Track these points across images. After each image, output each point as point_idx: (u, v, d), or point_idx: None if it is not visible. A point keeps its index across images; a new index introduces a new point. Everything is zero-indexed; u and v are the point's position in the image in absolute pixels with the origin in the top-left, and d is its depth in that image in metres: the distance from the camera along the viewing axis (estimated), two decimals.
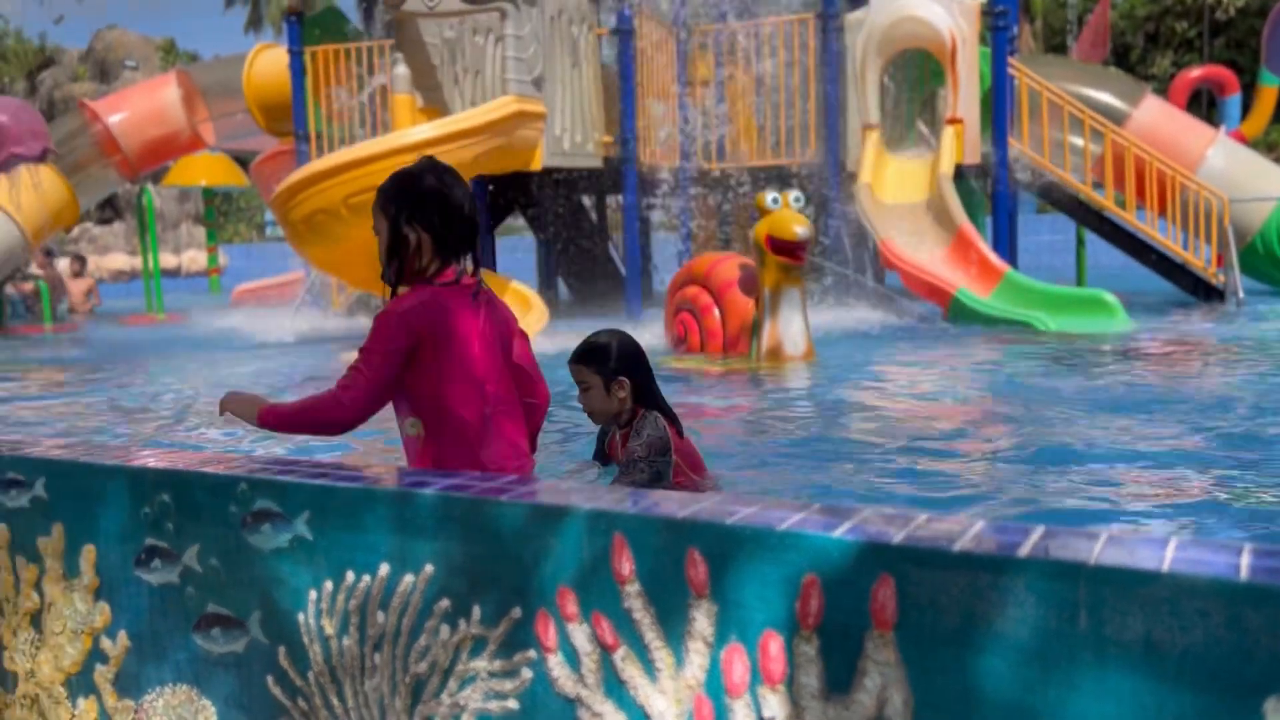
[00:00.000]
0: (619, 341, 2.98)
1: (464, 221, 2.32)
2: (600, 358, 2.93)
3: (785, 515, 1.45)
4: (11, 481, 2.11)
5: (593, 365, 2.92)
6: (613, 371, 2.92)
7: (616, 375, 2.91)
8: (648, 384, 2.98)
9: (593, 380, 2.92)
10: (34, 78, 29.83)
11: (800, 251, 6.45)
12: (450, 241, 2.30)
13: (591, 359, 2.93)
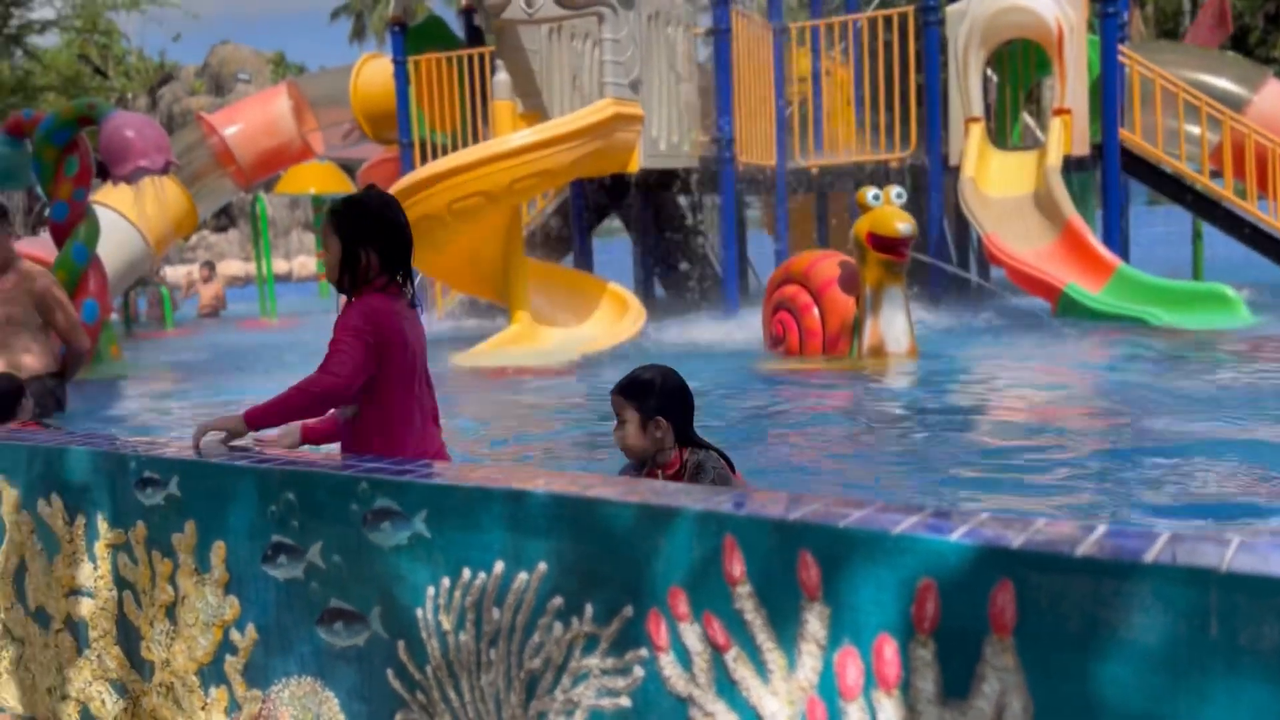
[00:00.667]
0: (664, 378, 2.84)
1: (404, 243, 2.63)
2: (642, 393, 2.79)
3: (899, 518, 1.44)
4: (148, 480, 2.23)
5: (634, 401, 2.78)
6: (652, 410, 2.78)
7: (655, 414, 2.78)
8: (687, 426, 2.86)
9: (629, 416, 2.78)
10: (154, 93, 31.25)
11: (903, 248, 6.36)
12: (392, 259, 2.60)
13: (633, 394, 2.79)
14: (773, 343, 7.43)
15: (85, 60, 28.40)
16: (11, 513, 2.50)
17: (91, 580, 2.37)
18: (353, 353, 2.48)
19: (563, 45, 9.92)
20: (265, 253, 14.88)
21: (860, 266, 6.61)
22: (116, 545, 2.31)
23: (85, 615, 2.40)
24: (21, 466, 2.46)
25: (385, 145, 12.64)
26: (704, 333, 9.60)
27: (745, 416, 5.29)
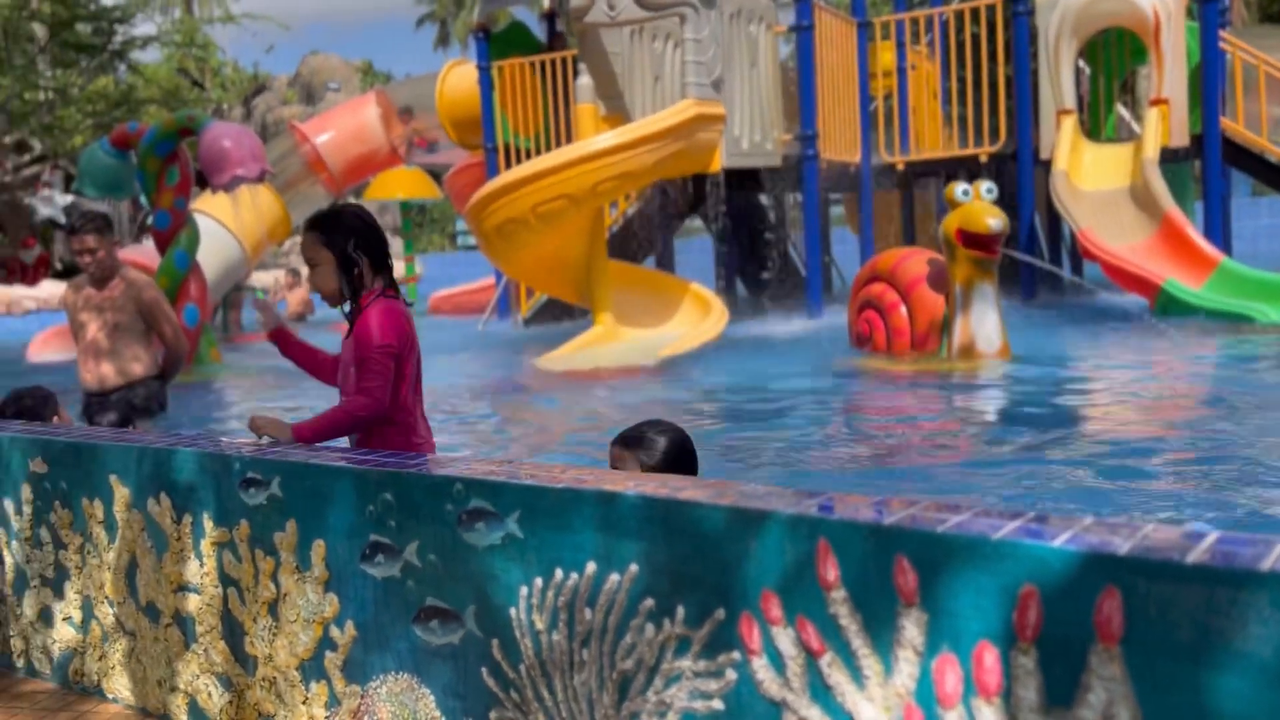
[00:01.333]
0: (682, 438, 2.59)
1: (384, 244, 2.77)
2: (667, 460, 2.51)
3: (999, 523, 1.42)
4: (251, 481, 2.30)
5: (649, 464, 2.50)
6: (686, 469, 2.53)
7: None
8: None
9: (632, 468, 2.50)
10: (249, 103, 32.26)
11: (994, 244, 6.22)
12: (379, 261, 2.72)
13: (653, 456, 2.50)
14: (858, 341, 7.34)
15: (184, 73, 29.44)
16: (123, 511, 2.60)
17: (198, 577, 2.45)
18: (386, 372, 2.62)
19: (644, 47, 9.94)
20: None
21: (949, 264, 6.48)
22: (221, 543, 2.39)
23: (192, 610, 2.48)
24: (132, 467, 2.56)
25: (470, 151, 12.84)
26: (787, 332, 9.54)
27: (831, 417, 5.23)
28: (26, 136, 24.08)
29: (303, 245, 2.70)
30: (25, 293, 18.16)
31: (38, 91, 22.46)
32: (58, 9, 22.43)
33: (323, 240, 2.65)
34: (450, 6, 46.36)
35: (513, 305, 11.76)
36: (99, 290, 5.13)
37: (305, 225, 2.73)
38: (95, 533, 2.69)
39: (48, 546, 2.82)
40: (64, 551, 2.78)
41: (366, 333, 2.61)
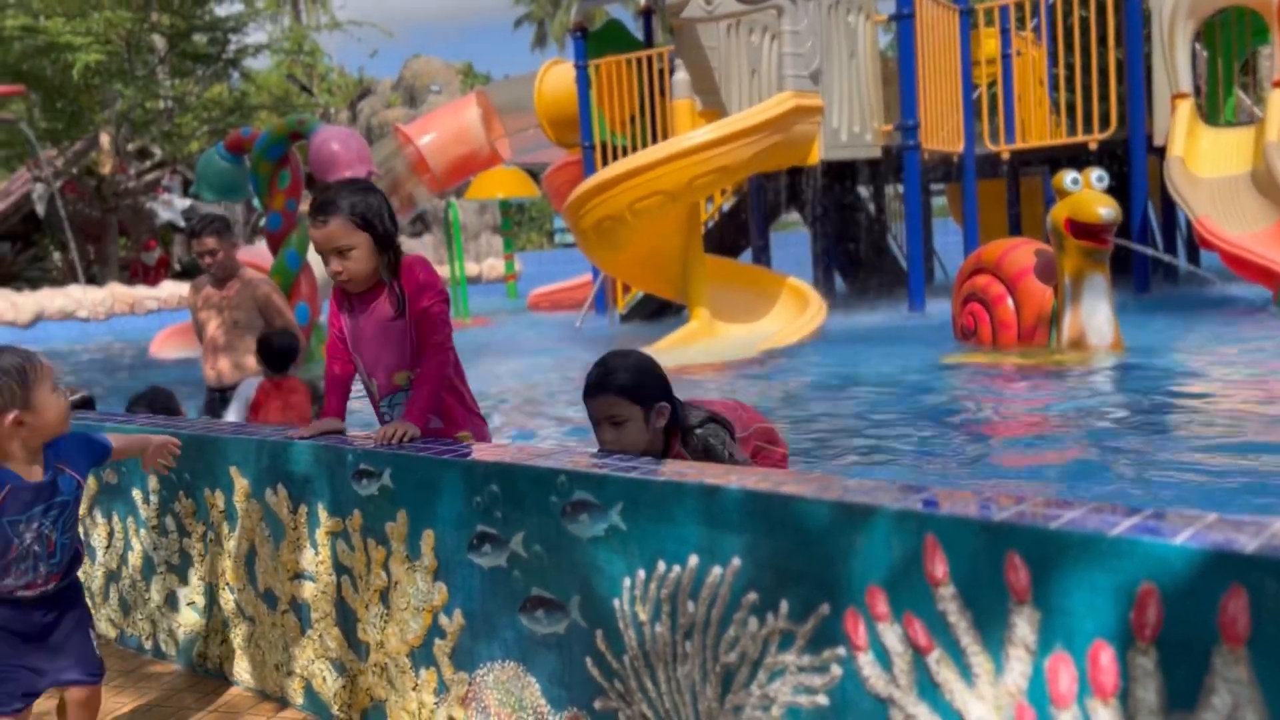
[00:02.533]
0: (647, 362, 2.56)
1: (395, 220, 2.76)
2: (639, 385, 2.49)
3: (1115, 520, 1.37)
4: (364, 472, 2.37)
5: (631, 395, 2.46)
6: (654, 398, 2.49)
7: (658, 402, 2.49)
8: (678, 404, 2.57)
9: (631, 413, 2.46)
10: (354, 107, 33.17)
11: (1106, 234, 6.02)
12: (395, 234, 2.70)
13: (630, 389, 2.47)
14: (963, 335, 7.17)
15: (293, 79, 30.43)
16: (242, 501, 2.71)
17: (313, 565, 2.54)
18: (449, 321, 2.64)
19: (740, 40, 9.89)
20: (458, 256, 15.53)
21: (1058, 254, 6.29)
22: (335, 533, 2.47)
23: (308, 598, 2.57)
24: (251, 459, 2.67)
25: (567, 149, 12.96)
26: (888, 325, 9.38)
27: (935, 411, 5.14)
28: (148, 144, 25.23)
29: (326, 236, 2.52)
30: (147, 293, 19.02)
31: (158, 100, 23.51)
32: (176, 21, 23.42)
33: (358, 224, 2.54)
34: (547, 7, 46.89)
35: (610, 301, 11.84)
36: (219, 289, 5.37)
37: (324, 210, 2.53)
38: (217, 522, 2.81)
39: (173, 534, 2.96)
40: (188, 539, 2.92)
41: (421, 287, 2.57)
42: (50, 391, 2.19)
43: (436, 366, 2.58)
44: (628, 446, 2.44)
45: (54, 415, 2.19)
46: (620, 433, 2.46)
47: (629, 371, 2.50)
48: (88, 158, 24.11)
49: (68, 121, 22.65)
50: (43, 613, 2.26)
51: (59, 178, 21.98)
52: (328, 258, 2.57)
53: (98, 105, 22.89)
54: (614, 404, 2.46)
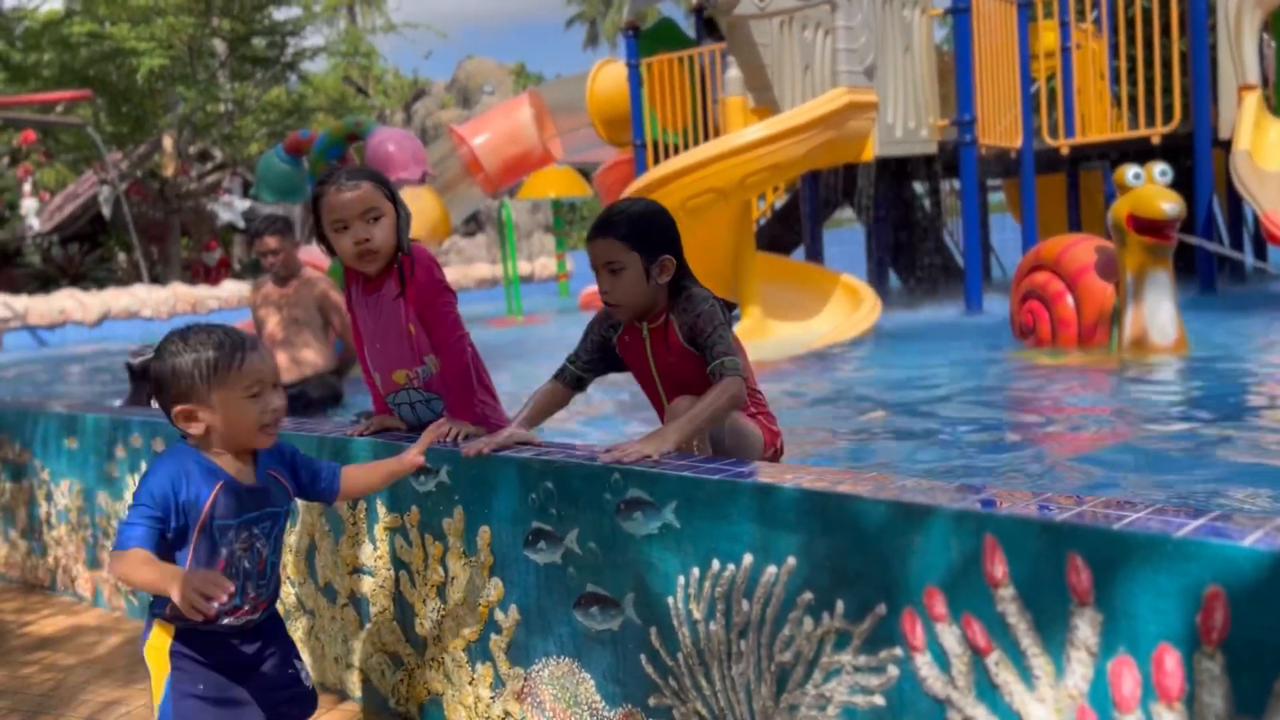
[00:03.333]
0: (655, 208, 2.36)
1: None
2: (643, 230, 2.29)
3: (1181, 521, 1.35)
4: (422, 469, 2.40)
5: (633, 240, 2.27)
6: (656, 247, 2.29)
7: (661, 253, 2.30)
8: (685, 266, 2.37)
9: (629, 260, 2.27)
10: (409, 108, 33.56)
11: (1169, 230, 5.89)
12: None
13: (632, 233, 2.28)
14: (1021, 333, 7.06)
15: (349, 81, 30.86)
16: None
17: (372, 560, 2.58)
18: (456, 309, 2.56)
19: (793, 36, 9.83)
20: (511, 255, 15.63)
21: (1120, 251, 6.17)
22: (393, 528, 2.51)
23: (366, 592, 2.61)
24: (311, 454, 2.71)
25: (619, 148, 12.98)
26: (944, 323, 9.27)
27: (992, 411, 5.07)
28: (209, 146, 25.76)
29: (357, 199, 2.44)
30: (209, 292, 19.43)
31: (218, 104, 23.98)
32: (236, 25, 23.89)
33: (386, 193, 2.50)
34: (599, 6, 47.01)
35: None
36: (280, 288, 5.48)
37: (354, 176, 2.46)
38: None
39: None
40: None
41: (428, 282, 2.51)
42: (245, 397, 1.83)
43: (456, 358, 2.52)
44: (623, 299, 2.31)
45: (240, 425, 1.84)
46: (616, 281, 2.29)
47: (634, 217, 2.32)
48: (151, 160, 24.69)
49: (132, 125, 23.22)
50: (250, 645, 1.93)
51: (124, 180, 22.52)
52: (350, 224, 2.43)
53: (161, 109, 23.43)
54: (612, 248, 2.29)
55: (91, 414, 3.60)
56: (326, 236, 2.50)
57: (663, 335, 2.38)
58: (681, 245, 2.39)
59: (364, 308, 2.59)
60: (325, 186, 2.47)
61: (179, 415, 1.84)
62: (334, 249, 2.51)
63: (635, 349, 2.44)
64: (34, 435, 3.85)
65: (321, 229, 2.50)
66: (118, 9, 21.40)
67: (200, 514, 1.82)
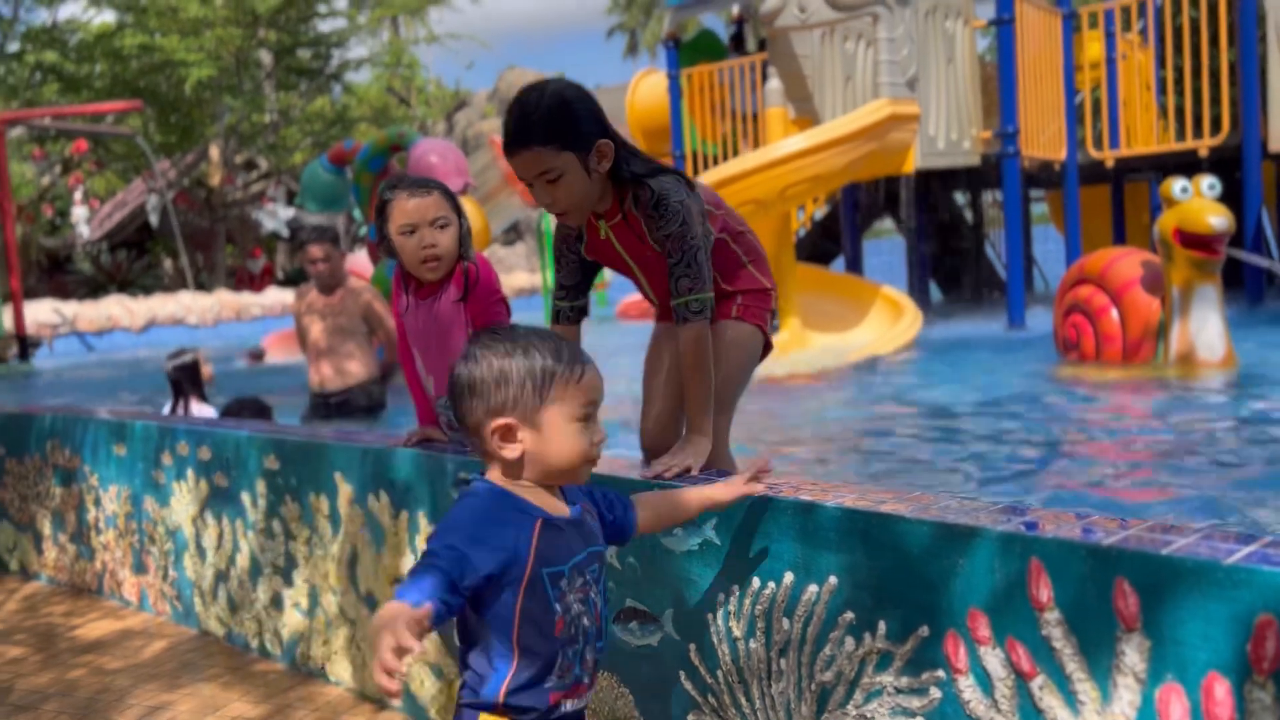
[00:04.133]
0: (571, 90, 2.05)
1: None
2: (566, 123, 2.00)
3: (1232, 547, 1.33)
4: (463, 481, 2.42)
5: (560, 139, 2.00)
6: (589, 136, 2.03)
7: (594, 139, 2.04)
8: (622, 141, 2.11)
9: (564, 163, 2.01)
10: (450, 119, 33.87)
11: (1217, 244, 5.80)
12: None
13: (556, 130, 2.00)
14: (1065, 348, 6.98)
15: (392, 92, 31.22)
16: (346, 506, 2.79)
17: None
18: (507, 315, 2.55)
19: (835, 48, 9.81)
20: (549, 264, 15.71)
21: (1166, 265, 6.08)
22: None
23: None
24: (355, 465, 2.75)
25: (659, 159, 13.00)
26: (986, 336, 9.18)
27: (1036, 427, 5.01)
28: (254, 156, 26.16)
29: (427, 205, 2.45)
30: (252, 300, 19.71)
31: (264, 114, 24.35)
32: (282, 37, 24.26)
33: (452, 204, 2.53)
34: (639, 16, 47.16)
35: None
36: (325, 296, 5.54)
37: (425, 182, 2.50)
38: (321, 526, 2.90)
39: (279, 537, 3.06)
40: (293, 542, 3.01)
41: (488, 288, 2.53)
42: (576, 419, 1.46)
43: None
44: (571, 204, 2.09)
45: (565, 453, 1.45)
46: (557, 189, 2.05)
47: (551, 112, 2.00)
48: (198, 169, 25.12)
49: (180, 135, 23.65)
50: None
51: (171, 189, 22.94)
52: (418, 229, 2.44)
53: (208, 119, 23.84)
54: (539, 158, 2.02)
55: (140, 421, 3.66)
56: (390, 240, 2.52)
57: (626, 229, 2.19)
58: (607, 119, 2.11)
59: (418, 312, 2.60)
60: (395, 192, 2.50)
61: (495, 431, 1.45)
62: (395, 253, 2.54)
63: (605, 250, 2.27)
64: (84, 441, 3.92)
65: (384, 232, 2.53)
66: (168, 21, 21.83)
67: (525, 563, 1.41)
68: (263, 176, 26.60)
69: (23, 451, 4.27)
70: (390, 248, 2.54)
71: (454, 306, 2.53)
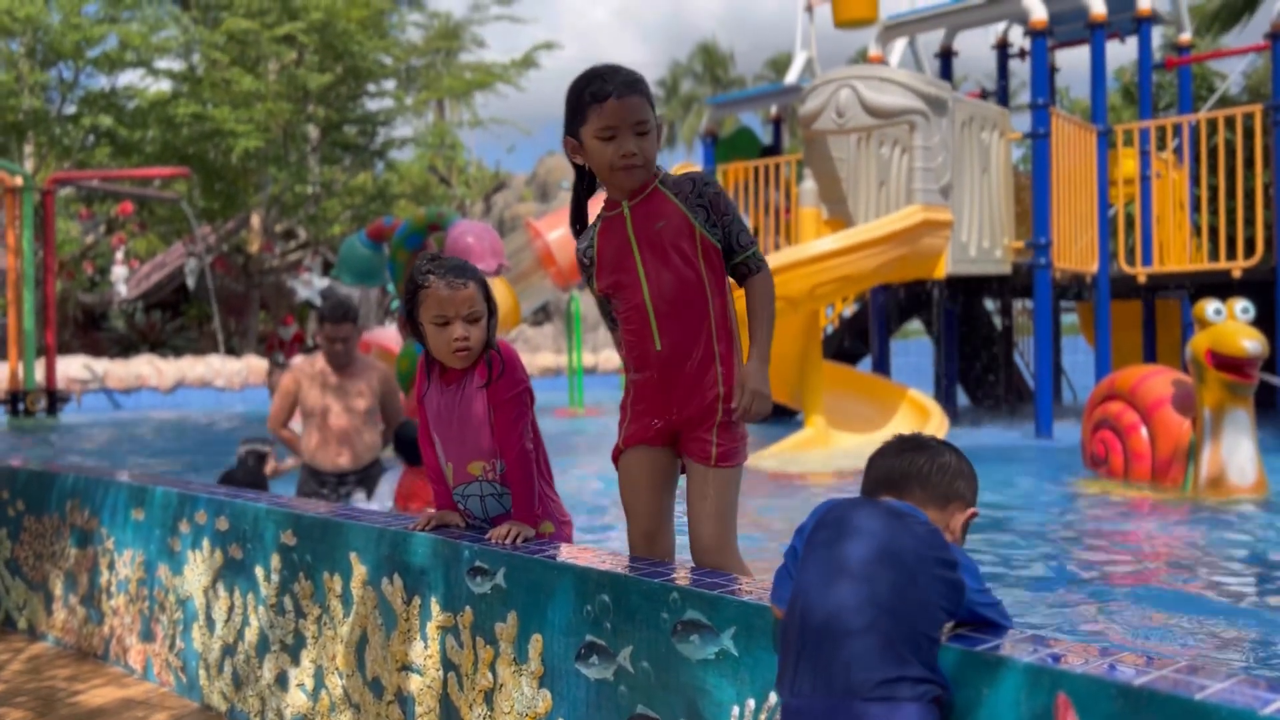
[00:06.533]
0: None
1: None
2: (642, 82, 2.32)
3: (1268, 697, 1.28)
4: (478, 570, 2.40)
5: (652, 102, 2.34)
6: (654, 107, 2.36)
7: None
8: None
9: (654, 121, 2.32)
10: (489, 200, 34.49)
11: (1250, 369, 5.75)
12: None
13: (643, 87, 2.31)
14: (1093, 462, 6.89)
15: (433, 170, 31.88)
16: (359, 587, 2.76)
17: (422, 658, 2.56)
18: (530, 413, 2.58)
19: (870, 152, 9.96)
20: (577, 346, 15.80)
21: (1198, 386, 6.03)
22: (446, 628, 2.49)
23: (414, 691, 2.59)
24: (372, 546, 2.73)
25: None
26: (1012, 445, 9.09)
27: (1061, 545, 4.92)
28: (294, 225, 26.68)
29: (463, 299, 2.48)
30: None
31: (307, 185, 24.89)
32: (330, 114, 24.92)
33: (484, 294, 2.55)
34: (679, 110, 48.17)
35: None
36: (339, 374, 5.50)
37: (460, 273, 2.50)
38: (333, 605, 2.87)
39: (289, 614, 3.03)
40: (303, 621, 2.98)
41: (516, 378, 2.54)
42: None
43: (522, 461, 2.53)
44: (647, 161, 2.31)
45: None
46: (645, 142, 2.30)
47: (623, 68, 2.32)
48: (238, 236, 25.62)
49: (224, 202, 24.17)
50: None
51: (210, 253, 23.38)
52: (451, 322, 2.46)
53: (252, 188, 24.38)
54: (644, 107, 2.28)
55: (161, 487, 3.67)
56: (420, 326, 2.53)
57: (647, 207, 2.37)
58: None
59: (441, 397, 2.60)
60: (429, 278, 2.50)
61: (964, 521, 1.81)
62: (424, 339, 2.54)
63: (616, 233, 2.40)
64: (103, 503, 3.93)
65: (415, 318, 2.53)
66: (221, 93, 22.51)
67: None
68: (301, 246, 27.06)
69: (42, 510, 4.28)
70: (419, 333, 2.55)
71: (477, 394, 2.54)
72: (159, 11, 22.54)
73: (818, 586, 1.58)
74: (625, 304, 2.41)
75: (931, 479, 1.77)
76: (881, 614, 1.49)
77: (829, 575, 1.58)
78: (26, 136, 21.88)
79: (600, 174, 2.39)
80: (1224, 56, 14.60)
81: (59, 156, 22.24)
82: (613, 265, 2.40)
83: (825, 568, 1.60)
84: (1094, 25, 10.12)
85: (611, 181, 2.37)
